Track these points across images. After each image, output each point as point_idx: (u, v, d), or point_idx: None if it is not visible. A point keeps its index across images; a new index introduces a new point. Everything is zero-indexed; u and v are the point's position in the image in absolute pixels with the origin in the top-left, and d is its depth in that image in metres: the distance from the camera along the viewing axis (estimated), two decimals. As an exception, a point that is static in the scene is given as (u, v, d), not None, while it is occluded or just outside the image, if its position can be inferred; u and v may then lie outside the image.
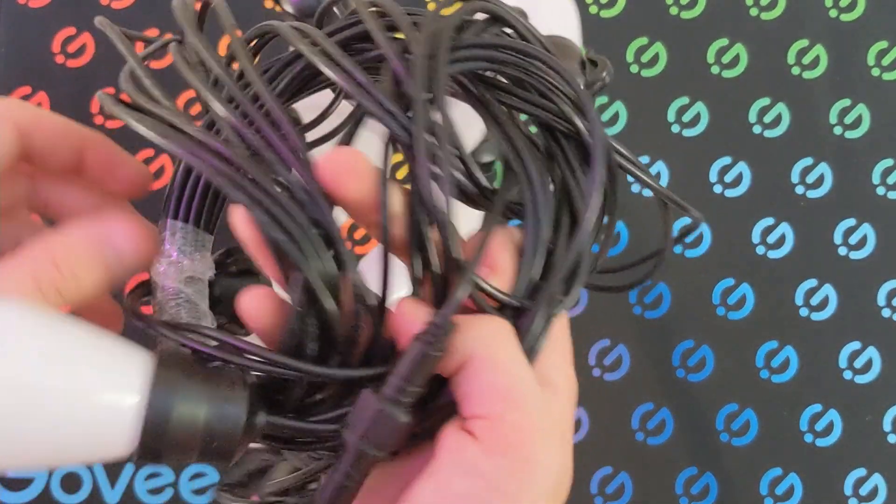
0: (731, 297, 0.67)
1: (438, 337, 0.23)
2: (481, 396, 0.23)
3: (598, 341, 0.65)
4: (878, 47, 0.70)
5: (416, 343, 0.23)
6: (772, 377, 0.67)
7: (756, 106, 0.68)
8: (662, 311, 0.66)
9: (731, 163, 0.68)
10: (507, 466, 0.23)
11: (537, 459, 0.23)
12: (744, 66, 0.69)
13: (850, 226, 0.68)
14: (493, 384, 0.23)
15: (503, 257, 0.26)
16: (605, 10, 0.68)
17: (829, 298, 0.68)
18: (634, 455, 0.65)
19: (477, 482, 0.22)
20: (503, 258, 0.26)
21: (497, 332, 0.25)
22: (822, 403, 0.67)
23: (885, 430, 0.67)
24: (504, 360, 0.24)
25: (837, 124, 0.69)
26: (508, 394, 0.23)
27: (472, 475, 0.23)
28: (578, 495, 0.64)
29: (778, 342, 0.67)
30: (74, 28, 0.62)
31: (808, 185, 0.68)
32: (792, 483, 0.66)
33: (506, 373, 0.24)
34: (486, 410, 0.23)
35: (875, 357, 0.67)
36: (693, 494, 0.65)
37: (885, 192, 0.69)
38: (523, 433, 0.23)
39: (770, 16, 0.69)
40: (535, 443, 0.23)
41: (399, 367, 0.24)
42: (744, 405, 0.66)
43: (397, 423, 0.23)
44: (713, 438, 0.66)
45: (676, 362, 0.66)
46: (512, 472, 0.23)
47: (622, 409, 0.65)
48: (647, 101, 0.68)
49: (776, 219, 0.68)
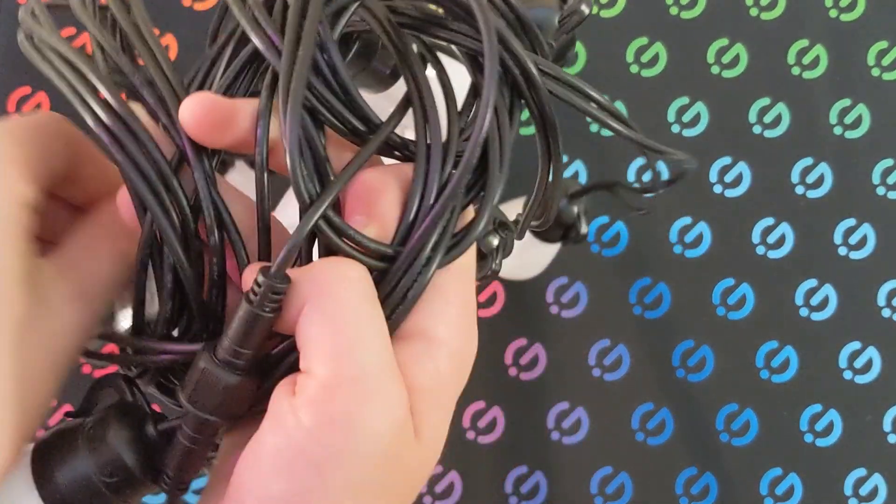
0: (731, 297, 0.67)
1: (266, 295, 0.21)
2: (304, 347, 0.21)
3: (598, 341, 0.65)
4: (878, 47, 0.70)
5: (243, 302, 0.22)
6: (772, 377, 0.67)
7: (756, 106, 0.68)
8: (662, 311, 0.66)
9: (731, 163, 0.68)
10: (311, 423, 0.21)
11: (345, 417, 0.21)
12: (744, 66, 0.69)
13: (850, 226, 0.68)
14: (317, 334, 0.21)
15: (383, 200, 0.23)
16: (605, 10, 0.68)
17: (829, 298, 0.68)
18: (634, 455, 0.65)
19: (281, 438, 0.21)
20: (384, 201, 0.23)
21: (336, 278, 0.22)
22: (822, 403, 0.67)
23: (885, 430, 0.67)
24: (336, 305, 0.21)
25: (837, 124, 0.69)
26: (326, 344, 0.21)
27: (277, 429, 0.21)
28: (578, 495, 0.64)
29: (778, 342, 0.67)
30: (74, 28, 0.62)
31: (808, 185, 0.68)
32: (792, 483, 0.66)
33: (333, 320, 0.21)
34: (310, 363, 0.21)
35: (875, 357, 0.67)
36: (693, 494, 0.65)
37: (885, 192, 0.69)
38: (336, 390, 0.21)
39: (770, 16, 0.69)
40: (344, 399, 0.21)
41: (230, 329, 0.22)
42: (744, 405, 0.66)
43: (224, 384, 0.22)
44: (713, 438, 0.66)
45: (676, 362, 0.66)
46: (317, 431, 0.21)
47: (622, 409, 0.65)
48: (647, 101, 0.68)
49: (776, 219, 0.68)
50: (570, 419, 0.65)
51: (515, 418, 0.64)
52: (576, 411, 0.65)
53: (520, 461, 0.64)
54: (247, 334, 0.22)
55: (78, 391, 0.27)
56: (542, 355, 0.65)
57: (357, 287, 0.22)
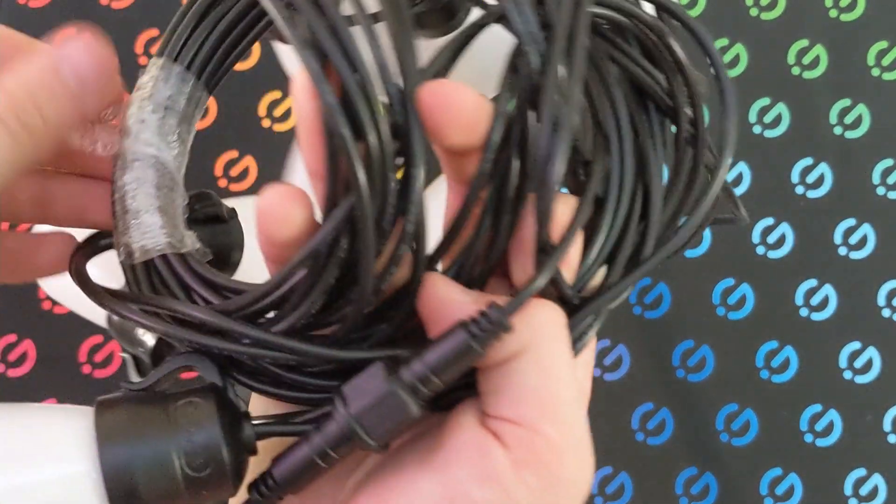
0: (731, 297, 0.67)
1: (493, 332, 0.19)
2: (519, 399, 0.20)
3: (599, 341, 0.65)
4: (878, 47, 0.70)
5: (461, 332, 0.20)
6: (772, 377, 0.67)
7: (756, 106, 0.68)
8: (662, 311, 0.66)
9: (732, 163, 0.68)
10: (536, 485, 0.20)
11: (570, 481, 0.20)
12: (744, 66, 0.69)
13: (850, 226, 0.68)
14: (536, 388, 0.20)
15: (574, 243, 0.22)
16: (604, 10, 0.68)
17: (829, 298, 0.68)
18: (634, 455, 0.65)
19: (498, 495, 0.20)
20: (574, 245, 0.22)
21: (553, 327, 0.21)
22: (822, 403, 0.67)
23: (885, 430, 0.67)
24: (554, 360, 0.20)
25: (837, 124, 0.69)
26: (551, 402, 0.20)
27: (493, 485, 0.20)
28: (578, 495, 0.64)
29: (778, 342, 0.67)
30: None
31: (808, 185, 0.68)
32: (792, 483, 0.66)
33: (553, 377, 0.20)
34: (521, 416, 0.20)
35: (875, 357, 0.67)
36: (693, 494, 0.65)
37: (885, 192, 0.69)
38: (560, 451, 0.20)
39: (770, 16, 0.69)
40: (571, 463, 0.20)
41: (429, 354, 0.20)
42: (744, 405, 0.66)
43: (405, 414, 0.20)
44: (713, 438, 0.66)
45: (676, 362, 0.66)
46: (540, 492, 0.20)
47: (622, 409, 0.65)
48: (647, 101, 0.68)
49: (776, 219, 0.68)
50: (570, 419, 0.65)
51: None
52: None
53: (520, 461, 0.64)
54: (449, 365, 0.20)
55: (76, 392, 0.26)
56: (541, 355, 0.65)
57: (568, 339, 0.21)
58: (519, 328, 0.20)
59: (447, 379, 0.20)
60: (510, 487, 0.20)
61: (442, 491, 0.20)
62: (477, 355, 0.20)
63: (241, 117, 0.65)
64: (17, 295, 0.62)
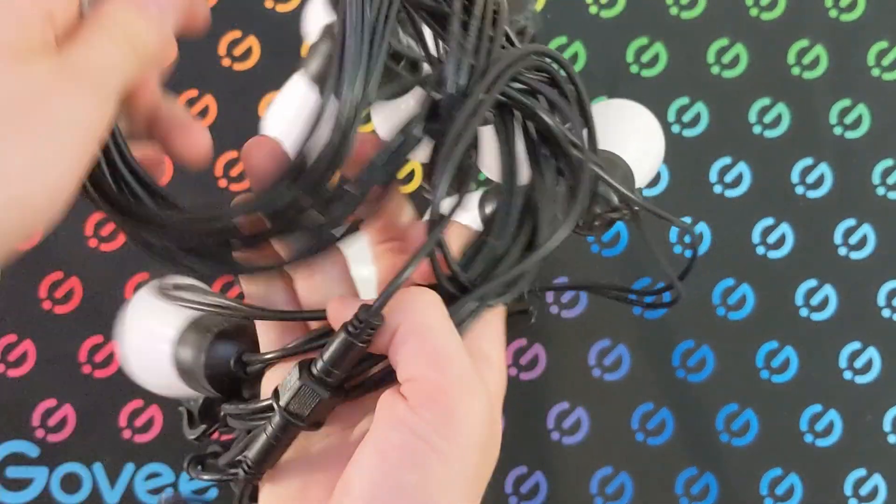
0: (731, 297, 0.67)
1: (364, 330, 0.26)
2: (408, 361, 0.26)
3: (598, 341, 0.65)
4: (878, 47, 0.70)
5: (342, 333, 0.26)
6: (772, 377, 0.67)
7: (756, 106, 0.68)
8: (662, 311, 0.66)
9: (731, 163, 0.68)
10: (432, 419, 0.25)
11: (461, 413, 0.25)
12: (744, 66, 0.69)
13: (850, 226, 0.68)
14: (416, 351, 0.26)
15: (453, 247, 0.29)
16: (605, 10, 0.68)
17: (829, 298, 0.68)
18: (634, 455, 0.65)
19: (407, 434, 0.25)
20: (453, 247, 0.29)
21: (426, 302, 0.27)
22: (822, 403, 0.67)
23: (885, 430, 0.67)
24: (430, 325, 0.26)
25: (837, 124, 0.69)
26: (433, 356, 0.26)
27: (401, 427, 0.25)
28: (578, 496, 0.64)
29: (778, 342, 0.67)
30: None
31: (808, 185, 0.68)
32: (792, 483, 0.66)
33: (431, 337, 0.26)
34: (413, 373, 0.26)
35: (875, 357, 0.67)
36: (693, 494, 0.65)
37: (885, 192, 0.69)
38: (446, 390, 0.25)
39: (770, 16, 0.69)
40: (457, 398, 0.25)
41: (326, 353, 0.27)
42: (744, 405, 0.66)
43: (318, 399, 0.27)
44: (713, 438, 0.66)
45: (676, 362, 0.66)
46: (436, 425, 0.25)
47: (622, 409, 0.65)
48: (648, 101, 0.68)
49: (776, 219, 0.68)
50: (570, 419, 0.65)
51: (515, 418, 0.64)
52: (576, 411, 0.65)
53: (520, 461, 0.64)
54: (341, 359, 0.27)
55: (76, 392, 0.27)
56: (542, 355, 0.65)
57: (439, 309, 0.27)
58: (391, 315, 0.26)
59: (346, 368, 0.27)
60: (413, 425, 0.25)
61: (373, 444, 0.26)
62: (360, 348, 0.26)
63: (241, 117, 0.65)
64: (18, 295, 0.62)
